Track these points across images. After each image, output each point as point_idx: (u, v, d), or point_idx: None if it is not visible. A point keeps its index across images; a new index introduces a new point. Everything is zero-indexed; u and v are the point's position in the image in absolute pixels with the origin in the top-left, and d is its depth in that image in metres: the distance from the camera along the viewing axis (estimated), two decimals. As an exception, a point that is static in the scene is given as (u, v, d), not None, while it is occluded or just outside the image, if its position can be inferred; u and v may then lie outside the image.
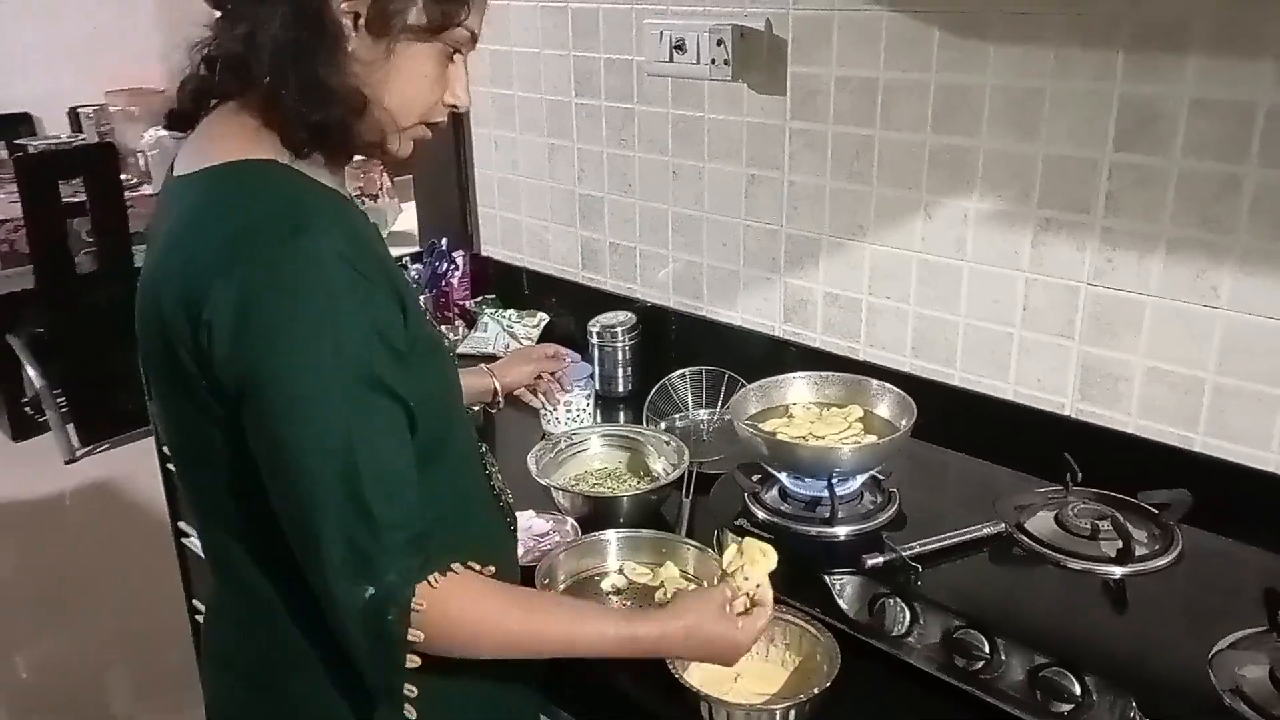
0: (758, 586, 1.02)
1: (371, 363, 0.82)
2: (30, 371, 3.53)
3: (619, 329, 1.84)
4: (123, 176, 3.54)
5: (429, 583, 0.85)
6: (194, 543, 1.88)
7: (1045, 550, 1.18)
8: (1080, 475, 1.28)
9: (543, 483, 1.44)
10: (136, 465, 3.43)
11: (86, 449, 3.58)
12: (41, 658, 2.64)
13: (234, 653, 1.00)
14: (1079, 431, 1.38)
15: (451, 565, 0.87)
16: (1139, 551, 1.15)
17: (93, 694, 2.51)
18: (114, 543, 3.11)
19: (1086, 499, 1.27)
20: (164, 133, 3.58)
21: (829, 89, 1.53)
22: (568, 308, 2.02)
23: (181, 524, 1.90)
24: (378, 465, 0.82)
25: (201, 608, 1.95)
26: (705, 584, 1.27)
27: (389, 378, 0.84)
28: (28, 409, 3.71)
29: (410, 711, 0.92)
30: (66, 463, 3.53)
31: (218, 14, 0.89)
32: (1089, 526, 1.20)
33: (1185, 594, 1.12)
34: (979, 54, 1.36)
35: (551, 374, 1.52)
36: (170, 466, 1.86)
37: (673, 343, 1.86)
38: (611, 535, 1.32)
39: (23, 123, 4.12)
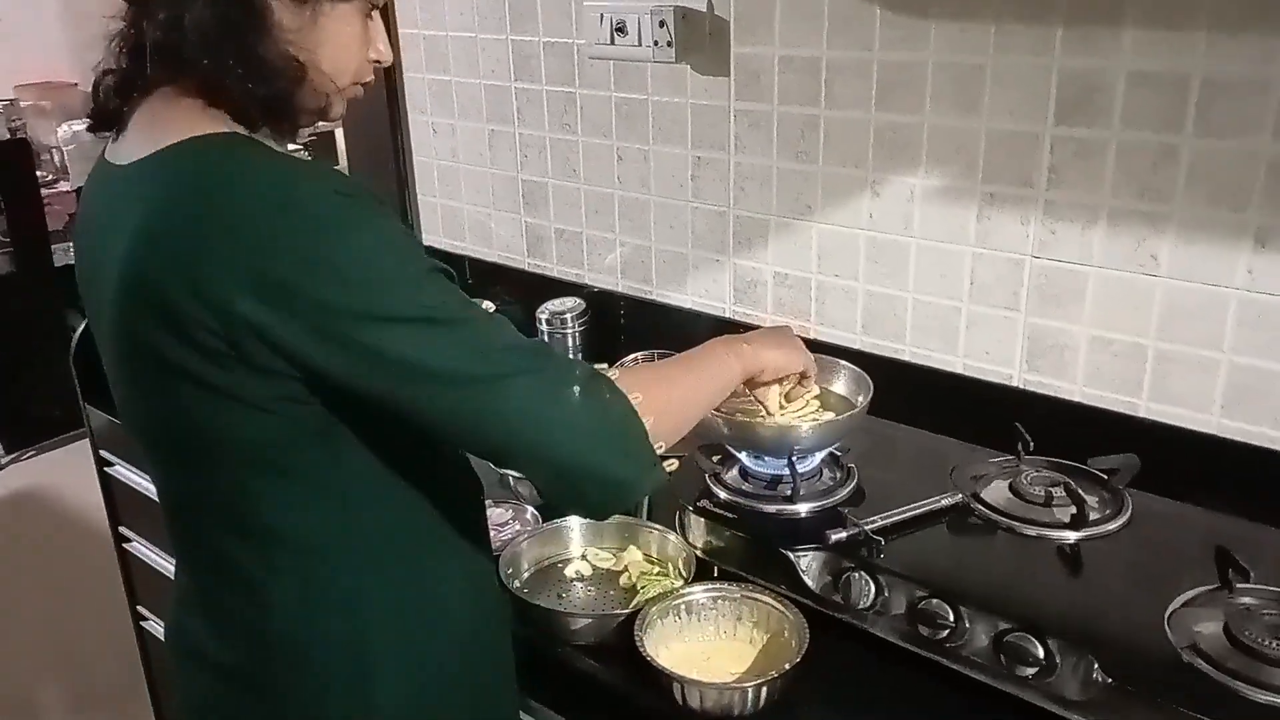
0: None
1: (428, 258, 0.85)
2: (-53, 379, 3.38)
3: (568, 315, 1.83)
4: (38, 174, 3.40)
5: (609, 373, 0.91)
6: (137, 548, 1.83)
7: (1001, 518, 1.21)
8: (1031, 444, 1.31)
9: (499, 471, 1.43)
10: (66, 472, 3.31)
11: (12, 457, 3.45)
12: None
13: (216, 649, 0.96)
14: (1028, 401, 1.41)
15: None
16: (1092, 516, 1.18)
17: (21, 709, 2.42)
18: (47, 552, 3.00)
19: (1039, 467, 1.29)
20: (81, 126, 3.45)
21: (773, 69, 1.53)
22: (514, 295, 2.00)
23: (124, 529, 1.84)
24: (496, 322, 0.87)
25: (148, 614, 1.90)
26: (670, 566, 1.27)
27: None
28: (-55, 418, 3.55)
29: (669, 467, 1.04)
30: (-11, 472, 3.40)
31: (130, 4, 0.87)
32: (1043, 494, 1.23)
33: (1138, 556, 1.15)
34: (920, 31, 1.37)
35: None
36: (109, 471, 1.80)
37: (623, 327, 1.86)
38: (574, 522, 1.31)
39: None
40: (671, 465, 0.92)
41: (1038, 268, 1.37)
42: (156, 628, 1.87)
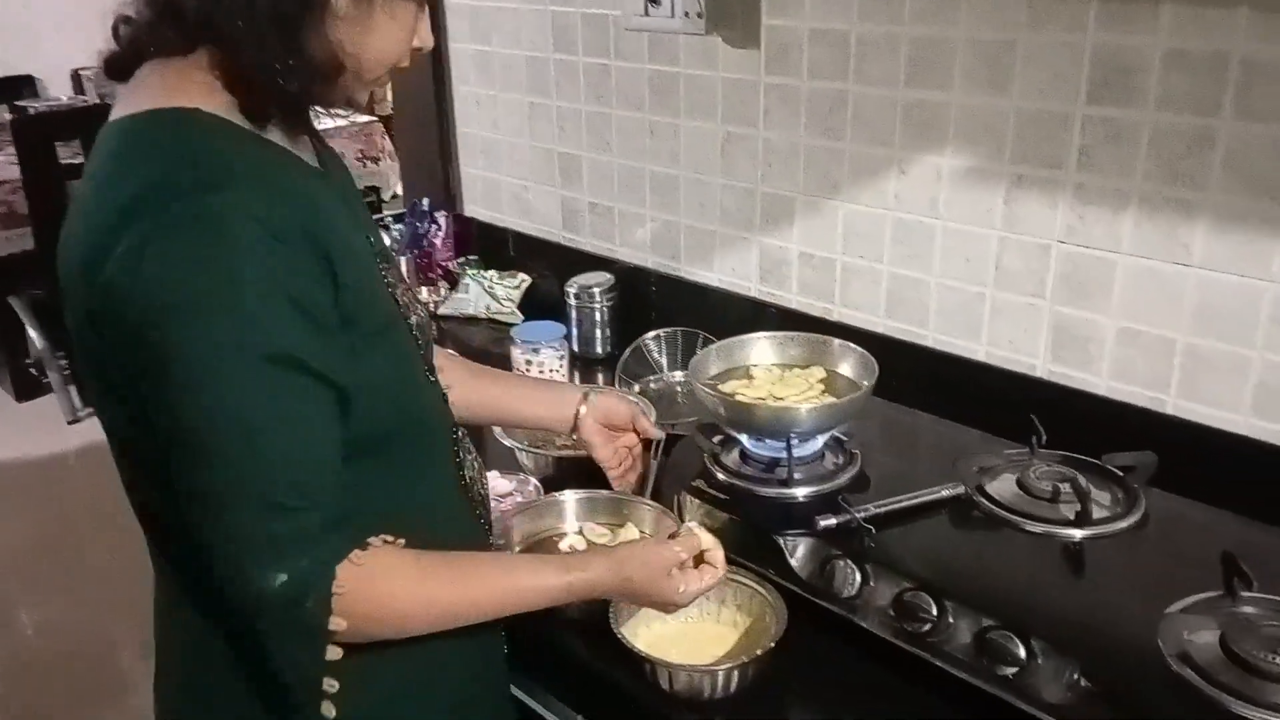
0: (709, 550, 1.02)
1: (280, 336, 0.75)
2: (32, 333, 3.55)
3: (596, 290, 1.82)
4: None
5: (351, 561, 0.79)
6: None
7: (1004, 513, 1.16)
8: (1045, 437, 1.26)
9: (506, 443, 1.43)
10: (137, 426, 3.46)
11: (88, 409, 3.60)
12: (44, 617, 2.68)
13: (163, 644, 0.98)
14: (1050, 393, 1.35)
15: (370, 540, 0.81)
16: (1099, 514, 1.13)
17: (94, 653, 2.54)
18: (114, 502, 3.12)
19: (1050, 461, 1.24)
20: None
21: (803, 42, 1.49)
22: (549, 269, 2.00)
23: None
24: (286, 447, 0.76)
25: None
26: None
27: (304, 352, 0.76)
28: (31, 370, 3.73)
29: (330, 709, 0.83)
30: (69, 423, 3.56)
31: None
32: (1050, 489, 1.18)
33: (1144, 558, 1.10)
34: (951, 4, 1.32)
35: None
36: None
37: (651, 303, 1.84)
38: (570, 495, 1.31)
39: (26, 85, 4.12)
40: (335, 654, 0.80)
41: (1064, 254, 1.31)
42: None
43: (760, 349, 1.37)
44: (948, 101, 1.36)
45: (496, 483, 1.39)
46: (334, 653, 0.80)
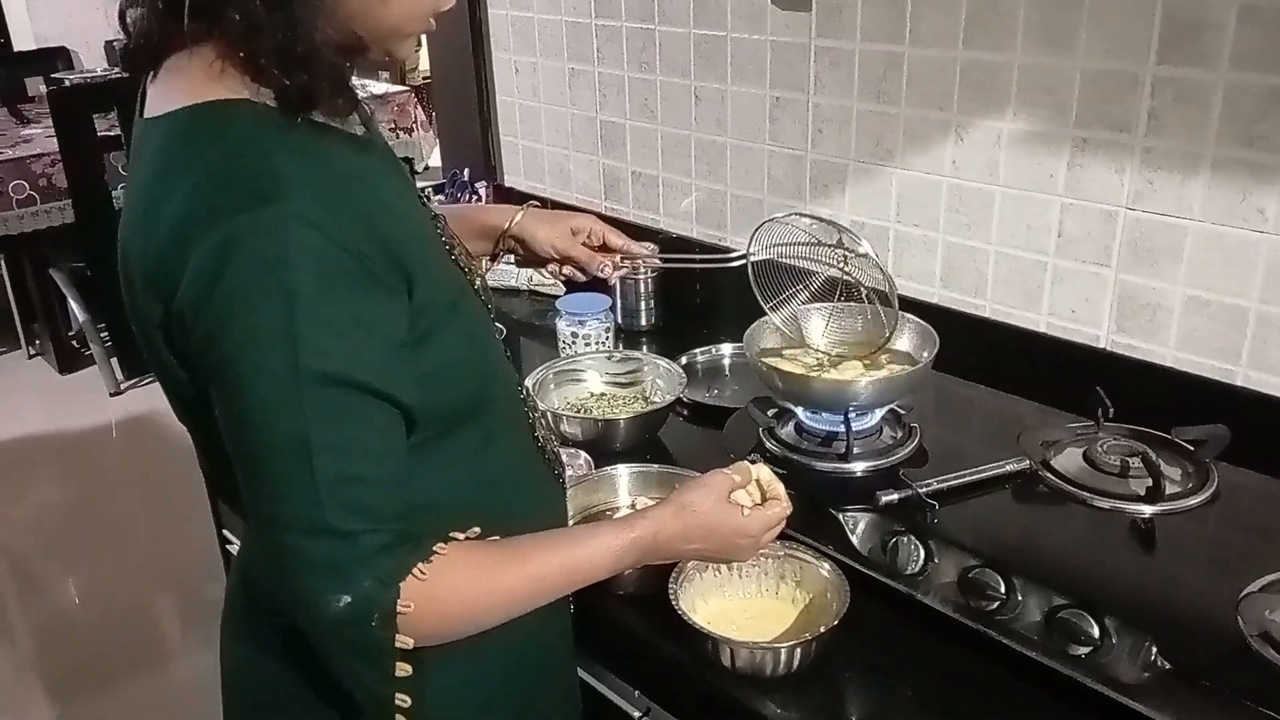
0: (768, 482, 0.97)
1: (337, 356, 0.73)
2: (74, 305, 3.59)
3: (638, 262, 1.79)
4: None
5: (415, 576, 0.76)
6: (220, 475, 1.90)
7: (1071, 488, 1.13)
8: (1112, 410, 1.22)
9: (540, 407, 1.42)
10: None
11: (130, 382, 3.65)
12: (86, 584, 2.72)
13: (242, 616, 0.97)
14: (1114, 364, 1.31)
15: (435, 549, 0.79)
16: (1170, 490, 1.10)
17: (132, 620, 2.58)
18: (155, 473, 3.18)
19: (1118, 435, 1.21)
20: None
21: (855, 3, 1.45)
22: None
23: (209, 456, 1.92)
24: (344, 469, 0.74)
25: (233, 538, 1.98)
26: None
27: (363, 372, 0.74)
28: (74, 342, 3.78)
29: None
30: (111, 395, 3.60)
31: None
32: (1118, 464, 1.15)
33: (1217, 534, 1.07)
34: (1014, -39, 1.27)
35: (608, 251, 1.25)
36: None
37: (695, 274, 1.81)
38: (622, 469, 1.30)
39: (60, 57, 4.12)
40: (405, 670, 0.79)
41: (1132, 220, 1.27)
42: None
43: (815, 320, 1.34)
44: (1008, 62, 1.31)
45: (546, 457, 1.38)
46: (403, 669, 0.78)
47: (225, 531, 1.99)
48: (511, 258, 1.26)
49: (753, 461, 1.00)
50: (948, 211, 1.44)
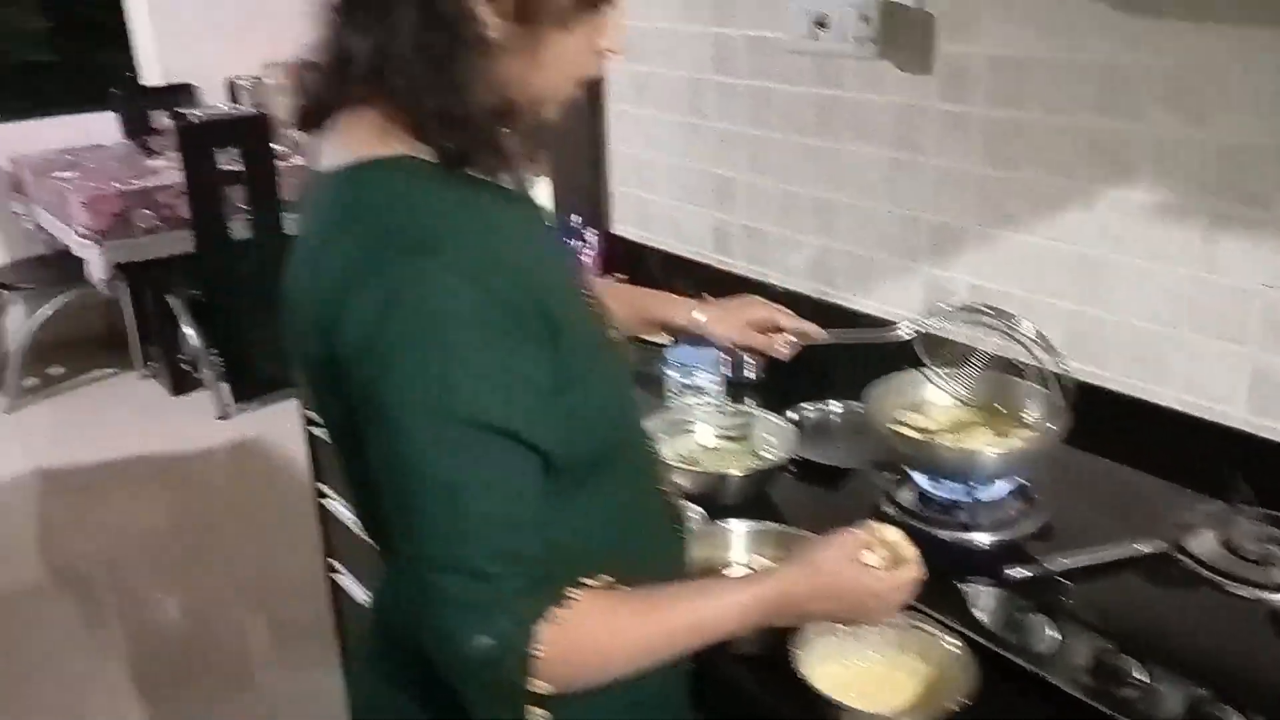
0: (897, 543, 0.95)
1: (492, 405, 0.76)
2: (188, 330, 3.74)
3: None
4: (275, 147, 3.68)
5: (551, 620, 0.78)
6: (335, 505, 1.95)
7: (1209, 574, 1.10)
8: (1252, 495, 1.19)
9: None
10: (281, 425, 3.60)
11: (238, 406, 3.78)
12: (182, 602, 2.81)
13: (379, 652, 0.99)
14: (1248, 445, 1.27)
15: (569, 594, 0.80)
16: (1315, 581, 1.06)
17: (232, 639, 2.66)
18: (258, 497, 3.28)
19: (1256, 519, 1.17)
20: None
21: (981, 68, 1.45)
22: (699, 290, 1.99)
23: (321, 485, 1.98)
24: (490, 512, 0.77)
25: (339, 567, 2.03)
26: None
27: (512, 420, 0.77)
28: (185, 365, 3.93)
29: None
30: (219, 418, 3.73)
31: (335, 13, 0.82)
32: (1259, 550, 1.11)
33: (1367, 631, 1.03)
34: (1148, 31, 1.26)
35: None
36: (312, 429, 1.93)
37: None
38: (737, 525, 1.29)
39: (184, 93, 4.33)
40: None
41: (1272, 300, 1.23)
42: (345, 580, 2.00)
43: (940, 386, 1.33)
44: (1140, 131, 1.30)
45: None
46: (535, 712, 0.80)
47: (331, 559, 2.05)
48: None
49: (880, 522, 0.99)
50: (1071, 279, 1.42)
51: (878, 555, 0.95)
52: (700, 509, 1.38)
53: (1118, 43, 1.29)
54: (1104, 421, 1.34)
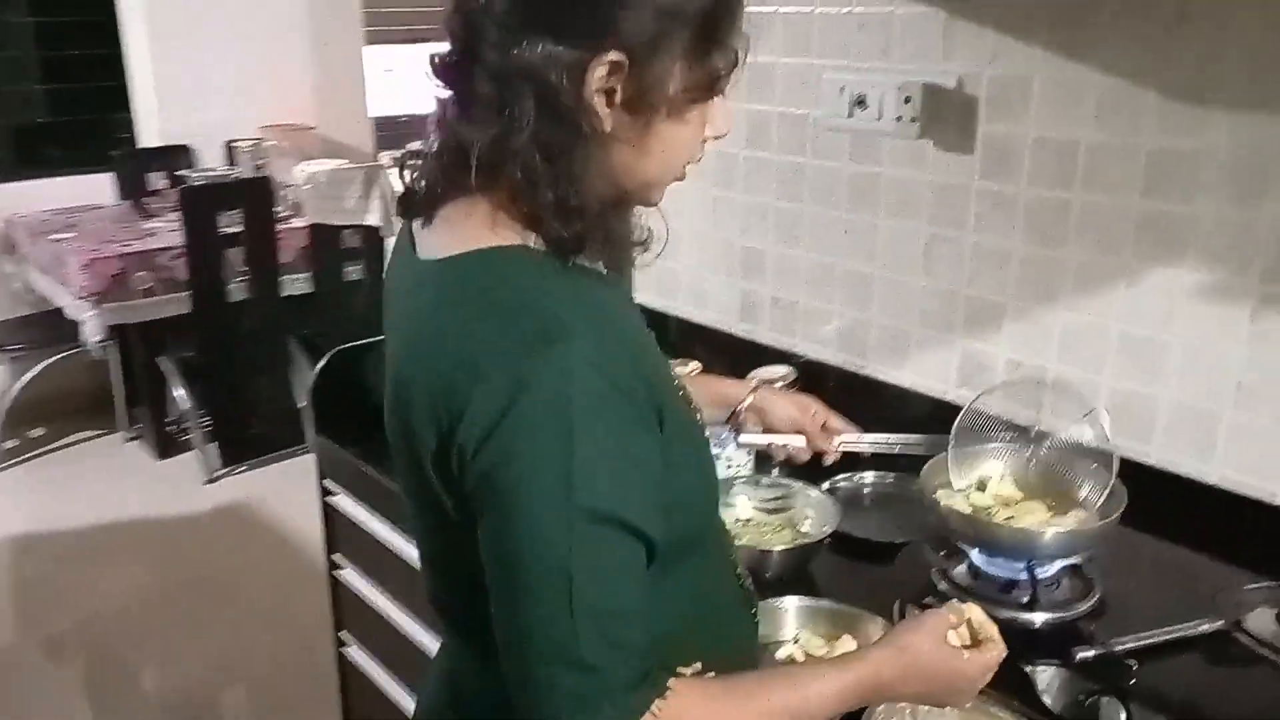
0: (980, 623, 0.95)
1: (610, 495, 0.76)
2: (177, 392, 3.68)
3: (778, 383, 1.80)
4: (274, 209, 3.68)
5: (653, 713, 0.77)
6: (349, 576, 1.90)
7: (1270, 652, 1.09)
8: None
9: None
10: (271, 488, 3.53)
11: (226, 470, 3.70)
12: (173, 675, 2.71)
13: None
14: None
15: (669, 685, 0.80)
16: (1384, 663, 1.06)
17: (221, 713, 2.56)
18: (245, 562, 3.19)
19: (1312, 598, 1.17)
20: (317, 168, 3.73)
21: (1024, 149, 1.48)
22: (720, 359, 1.99)
23: (337, 557, 1.93)
24: (602, 603, 0.76)
25: (349, 640, 1.97)
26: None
27: (628, 510, 0.77)
28: (171, 428, 3.85)
29: None
30: (206, 482, 3.65)
31: (456, 107, 0.82)
32: (1320, 630, 1.11)
33: None
34: (1198, 118, 1.29)
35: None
36: (329, 500, 1.89)
37: (832, 400, 1.81)
38: (790, 604, 1.27)
39: (181, 154, 4.33)
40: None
41: (1320, 379, 1.25)
42: (358, 655, 1.94)
43: (992, 462, 1.33)
44: (1188, 213, 1.32)
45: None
46: None
47: (342, 632, 1.99)
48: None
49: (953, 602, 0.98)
50: (1115, 355, 1.43)
51: (960, 635, 0.94)
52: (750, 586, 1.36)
53: (1167, 129, 1.32)
54: (1152, 500, 1.33)
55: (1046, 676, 1.10)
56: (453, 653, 0.99)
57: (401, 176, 0.88)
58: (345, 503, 1.84)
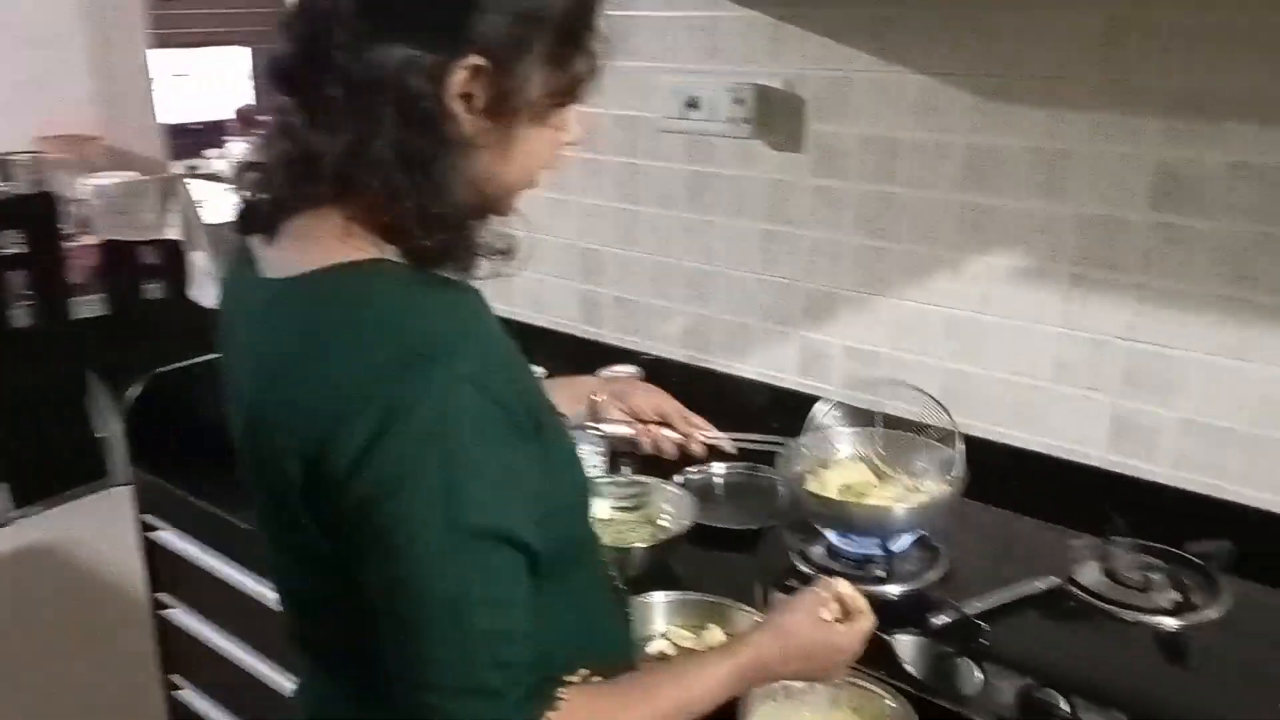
0: (848, 596, 0.98)
1: (494, 510, 0.74)
2: (-45, 431, 3.32)
3: (625, 383, 1.82)
4: (59, 227, 3.39)
5: None
6: (177, 615, 1.78)
7: (1099, 603, 1.19)
8: (1122, 526, 1.30)
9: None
10: (77, 528, 3.25)
11: (20, 512, 3.38)
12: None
13: None
14: (1108, 482, 1.40)
15: (559, 695, 0.80)
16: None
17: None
18: (60, 610, 2.92)
19: (1130, 549, 1.28)
20: (105, 180, 3.46)
21: (850, 147, 1.55)
22: (565, 361, 1.98)
23: (162, 596, 1.80)
24: (493, 625, 0.75)
25: (182, 683, 1.85)
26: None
27: (512, 524, 0.75)
28: (-50, 470, 3.48)
29: None
30: (-2, 526, 3.32)
31: (301, 112, 0.77)
32: (1140, 578, 1.22)
33: (1246, 647, 1.14)
34: (1007, 116, 1.39)
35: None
36: (151, 536, 1.76)
37: (679, 395, 1.84)
38: (657, 599, 1.28)
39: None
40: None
41: (1125, 350, 1.37)
42: (192, 697, 1.82)
43: (843, 443, 1.38)
44: (1001, 205, 1.43)
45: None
46: None
47: (172, 675, 1.86)
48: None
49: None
50: (943, 339, 1.53)
51: (831, 610, 0.98)
52: (621, 585, 1.36)
53: (980, 126, 1.42)
54: (983, 470, 1.43)
55: (906, 645, 1.15)
56: (320, 692, 0.94)
57: (239, 186, 0.82)
58: (170, 538, 1.72)
